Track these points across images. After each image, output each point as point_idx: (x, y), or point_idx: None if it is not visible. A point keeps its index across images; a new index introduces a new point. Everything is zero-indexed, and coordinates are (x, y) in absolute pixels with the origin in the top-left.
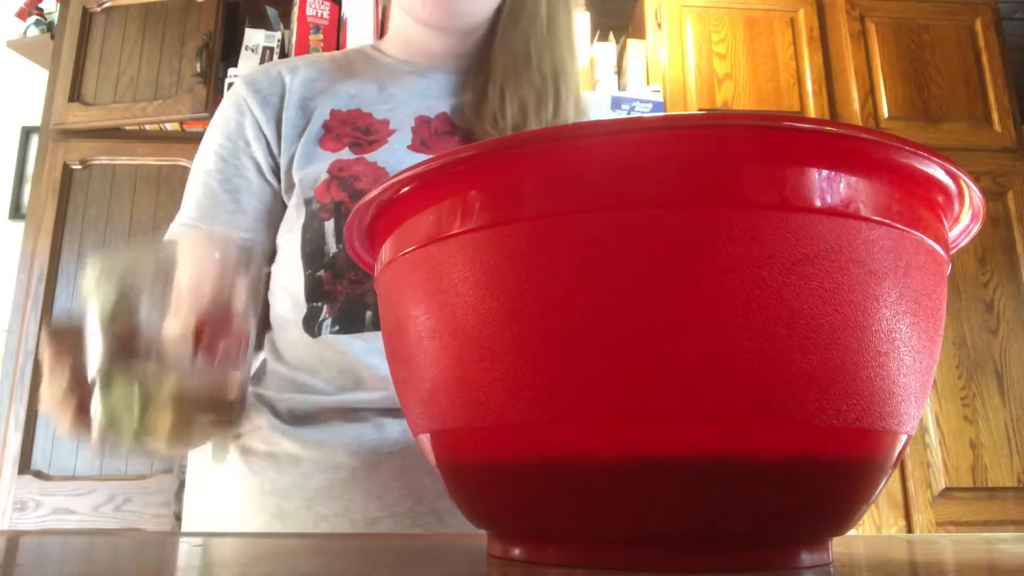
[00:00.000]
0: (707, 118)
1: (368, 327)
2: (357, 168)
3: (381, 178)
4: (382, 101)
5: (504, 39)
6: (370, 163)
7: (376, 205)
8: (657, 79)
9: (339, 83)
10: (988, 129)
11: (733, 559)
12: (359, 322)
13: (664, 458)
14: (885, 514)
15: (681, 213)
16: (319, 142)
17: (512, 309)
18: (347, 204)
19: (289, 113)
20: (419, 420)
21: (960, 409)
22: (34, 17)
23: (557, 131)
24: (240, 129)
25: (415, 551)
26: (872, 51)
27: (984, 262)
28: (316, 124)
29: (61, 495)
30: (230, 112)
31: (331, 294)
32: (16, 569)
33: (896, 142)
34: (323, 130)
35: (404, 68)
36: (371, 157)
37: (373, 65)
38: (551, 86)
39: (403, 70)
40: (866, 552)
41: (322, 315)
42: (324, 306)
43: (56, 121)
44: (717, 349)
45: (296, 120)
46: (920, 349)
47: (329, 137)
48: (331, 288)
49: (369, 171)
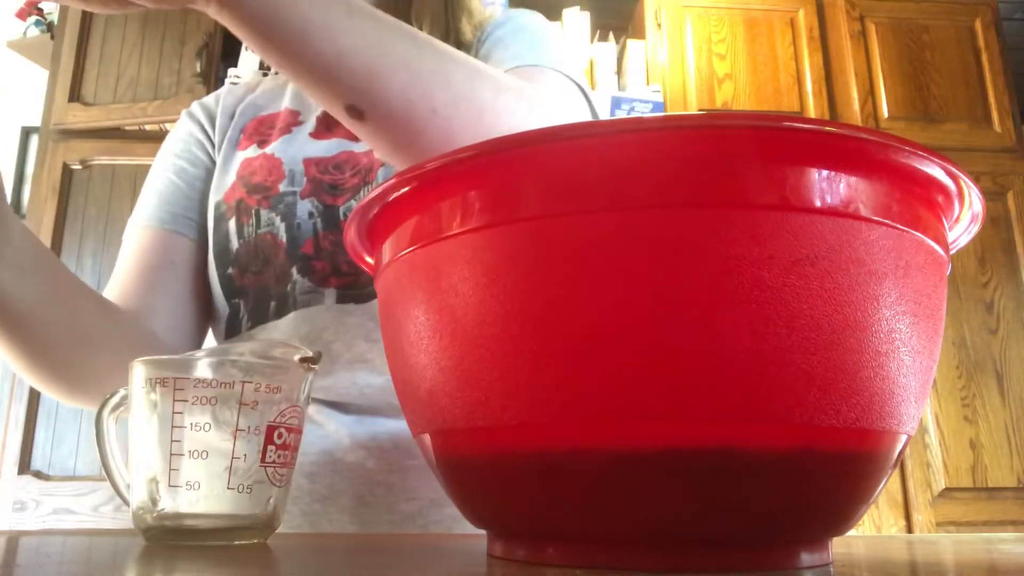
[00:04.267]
0: (707, 118)
1: (271, 317)
2: (255, 163)
3: (275, 167)
4: (300, 98)
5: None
6: (268, 155)
7: (376, 205)
8: (657, 79)
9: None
10: (988, 129)
11: (732, 559)
12: (264, 314)
13: (664, 458)
14: (885, 514)
15: (681, 213)
16: (236, 145)
17: (512, 309)
18: (245, 199)
19: (221, 120)
20: (419, 420)
21: (960, 409)
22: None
23: (557, 131)
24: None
25: (415, 551)
26: (872, 51)
27: (984, 262)
28: (235, 130)
29: (61, 495)
30: (184, 120)
31: (241, 289)
32: (16, 569)
33: (896, 142)
34: (240, 134)
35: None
36: (271, 149)
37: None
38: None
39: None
40: (866, 552)
41: (240, 312)
42: (240, 303)
43: (56, 121)
44: (717, 349)
45: (223, 128)
46: (920, 349)
47: (244, 139)
48: (240, 283)
49: (265, 163)
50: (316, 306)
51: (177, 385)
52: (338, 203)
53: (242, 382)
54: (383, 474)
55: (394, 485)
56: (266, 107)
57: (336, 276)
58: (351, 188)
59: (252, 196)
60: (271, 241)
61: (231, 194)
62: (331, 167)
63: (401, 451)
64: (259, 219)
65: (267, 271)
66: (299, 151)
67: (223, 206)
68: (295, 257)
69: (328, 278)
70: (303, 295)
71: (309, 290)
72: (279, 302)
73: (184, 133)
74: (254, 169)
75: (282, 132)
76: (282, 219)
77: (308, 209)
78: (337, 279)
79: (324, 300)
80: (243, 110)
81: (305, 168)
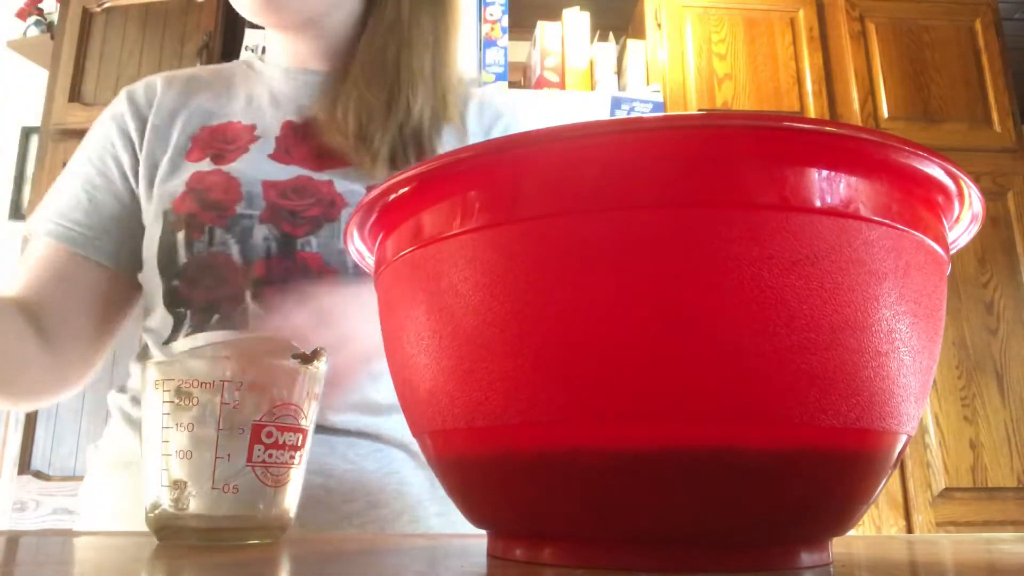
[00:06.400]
0: (707, 118)
1: (213, 327)
2: (211, 179)
3: (232, 188)
4: (253, 110)
5: (366, 44)
6: (224, 174)
7: (376, 205)
8: (657, 79)
9: (211, 98)
10: (988, 129)
11: (732, 559)
12: (206, 323)
13: (663, 458)
14: (885, 514)
15: (681, 213)
16: (185, 154)
17: (511, 309)
18: (198, 215)
19: (156, 121)
20: (419, 420)
21: (960, 409)
22: (34, 17)
23: (557, 131)
24: (112, 136)
25: (415, 551)
26: (872, 51)
27: (984, 262)
28: (183, 137)
29: (61, 495)
30: (106, 118)
31: (188, 301)
32: (16, 569)
33: (896, 142)
34: (190, 142)
35: (278, 74)
36: (227, 168)
37: (252, 77)
38: (404, 89)
39: (276, 76)
40: (866, 552)
41: (186, 321)
42: (187, 312)
43: (56, 121)
44: (717, 349)
45: (163, 130)
46: (920, 349)
47: (195, 148)
48: (187, 296)
49: (222, 182)
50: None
51: (165, 387)
52: (297, 233)
53: (223, 381)
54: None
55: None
56: (216, 113)
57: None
58: (310, 220)
59: (207, 213)
60: (225, 261)
61: (181, 205)
62: (290, 191)
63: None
64: (212, 237)
65: (220, 288)
66: (257, 172)
67: (171, 215)
68: (250, 280)
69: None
70: (255, 318)
71: (260, 315)
72: (223, 316)
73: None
74: (209, 185)
75: (240, 151)
76: (237, 241)
77: (264, 234)
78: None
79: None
80: (189, 116)
81: (264, 191)
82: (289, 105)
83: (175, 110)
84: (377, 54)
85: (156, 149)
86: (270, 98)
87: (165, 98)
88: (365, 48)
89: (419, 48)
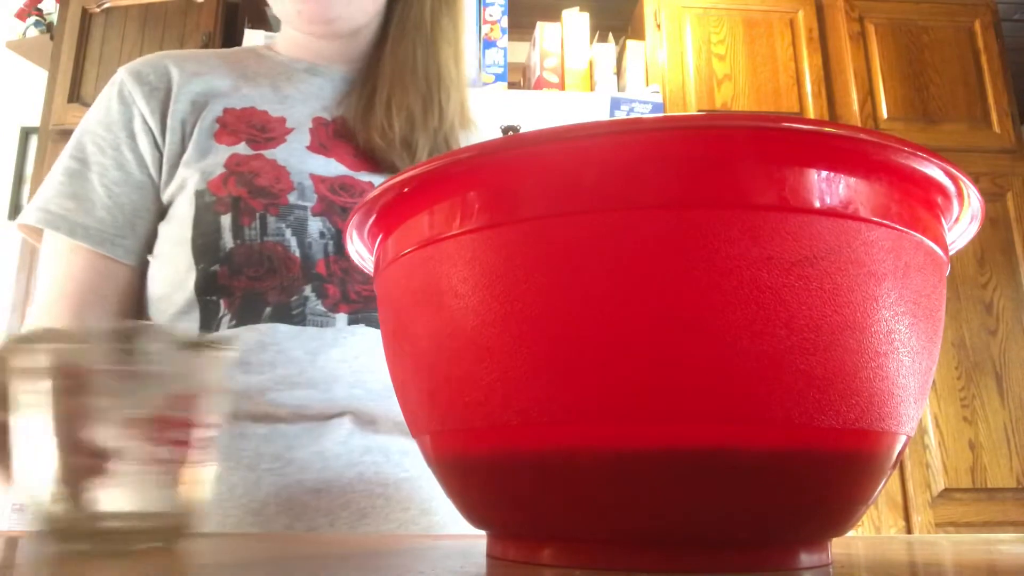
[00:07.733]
0: (706, 119)
1: (264, 320)
2: (256, 164)
3: (282, 176)
4: (277, 100)
5: (393, 46)
6: (269, 160)
7: (376, 206)
8: (656, 80)
9: (231, 80)
10: (987, 130)
11: (732, 560)
12: (256, 316)
13: (663, 458)
14: (884, 515)
15: (680, 214)
16: (213, 136)
17: (511, 310)
18: (245, 199)
19: (178, 106)
20: (419, 421)
21: (959, 410)
22: (33, 18)
23: (557, 131)
24: (123, 121)
25: (415, 551)
26: (871, 52)
27: (983, 263)
28: (208, 119)
29: None
30: (113, 103)
31: (227, 288)
32: (16, 569)
33: (895, 143)
34: (217, 124)
35: (298, 67)
36: (270, 154)
37: (266, 64)
38: (436, 94)
39: (297, 68)
40: (866, 553)
41: (220, 311)
42: (221, 300)
43: (55, 122)
44: (716, 350)
45: (185, 114)
46: (919, 350)
47: (224, 132)
48: (227, 283)
49: (268, 168)
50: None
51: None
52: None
53: (88, 370)
54: (380, 487)
55: (391, 497)
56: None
57: (346, 303)
58: None
59: (256, 199)
60: (282, 253)
61: (221, 187)
62: (338, 187)
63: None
64: (265, 225)
65: (270, 279)
66: (303, 163)
67: (209, 196)
68: (309, 276)
69: (339, 304)
70: (314, 316)
71: (321, 313)
72: (276, 310)
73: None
74: (255, 169)
75: (278, 140)
76: (293, 232)
77: (320, 228)
78: (347, 306)
79: (335, 324)
80: (209, 97)
81: (313, 184)
82: (313, 102)
83: (193, 90)
84: (406, 56)
85: (179, 129)
86: (293, 91)
87: (180, 78)
88: (392, 50)
89: (444, 50)
